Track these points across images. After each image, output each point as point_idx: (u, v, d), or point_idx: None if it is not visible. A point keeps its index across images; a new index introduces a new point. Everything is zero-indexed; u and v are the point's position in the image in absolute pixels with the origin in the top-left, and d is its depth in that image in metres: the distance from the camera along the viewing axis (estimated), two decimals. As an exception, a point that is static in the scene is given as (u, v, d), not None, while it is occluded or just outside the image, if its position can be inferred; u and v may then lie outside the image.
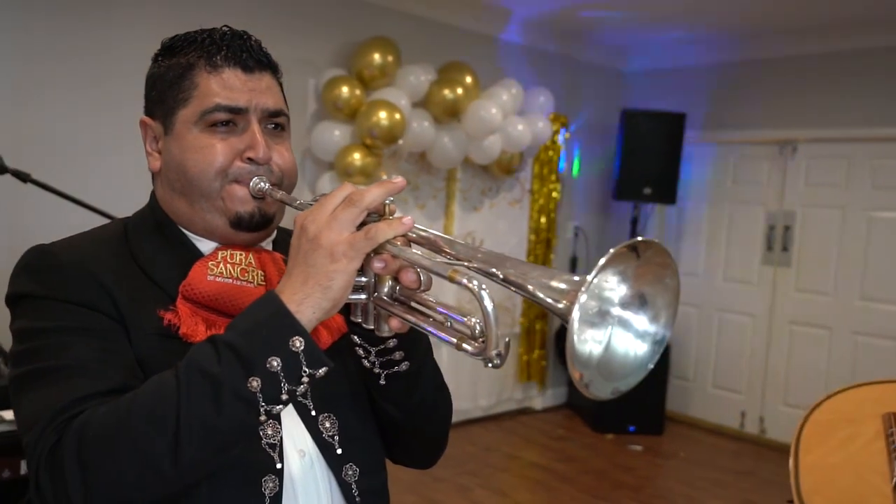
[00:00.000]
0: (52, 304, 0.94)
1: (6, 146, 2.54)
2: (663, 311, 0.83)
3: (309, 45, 4.20)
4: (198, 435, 0.81)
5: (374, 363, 1.01)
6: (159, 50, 1.08)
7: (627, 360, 0.82)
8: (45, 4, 3.31)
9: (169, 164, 1.05)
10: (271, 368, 0.82)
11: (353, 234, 0.86)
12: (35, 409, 0.87)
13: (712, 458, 4.93)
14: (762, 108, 5.27)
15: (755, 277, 5.35)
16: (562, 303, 0.76)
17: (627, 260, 0.78)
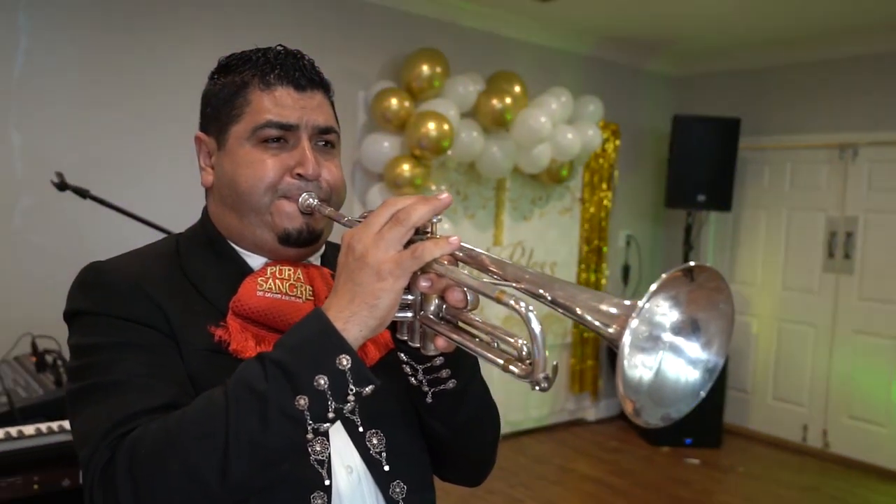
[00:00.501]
0: (105, 321, 0.96)
1: (68, 165, 2.62)
2: (716, 337, 0.80)
3: (358, 58, 4.25)
4: (246, 452, 0.81)
5: (421, 381, 1.00)
6: (215, 68, 1.10)
7: (678, 386, 0.80)
8: (104, 28, 3.41)
9: (221, 178, 1.07)
10: (318, 387, 0.83)
11: (399, 253, 0.86)
12: (89, 425, 0.89)
13: (773, 473, 4.77)
14: (820, 110, 5.12)
15: (816, 286, 5.18)
16: (612, 327, 0.74)
17: (680, 284, 0.76)
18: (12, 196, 3.25)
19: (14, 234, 3.26)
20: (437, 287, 0.88)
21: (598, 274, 5.49)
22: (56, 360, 2.68)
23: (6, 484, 1.69)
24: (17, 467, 1.74)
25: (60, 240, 3.36)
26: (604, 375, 5.68)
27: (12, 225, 3.26)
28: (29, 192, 3.27)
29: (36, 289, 3.29)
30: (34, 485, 1.73)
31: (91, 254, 3.63)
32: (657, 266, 6.01)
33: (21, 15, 3.22)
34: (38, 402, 2.30)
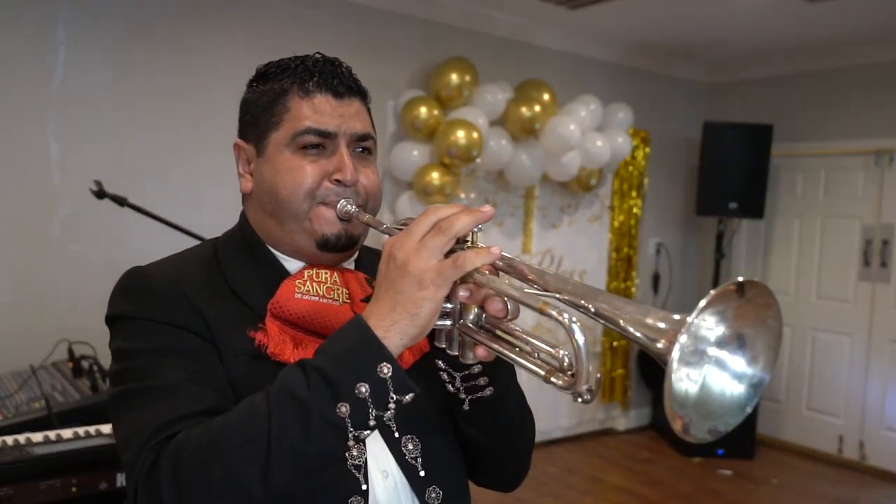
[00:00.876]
0: (146, 325, 0.98)
1: (104, 173, 2.68)
2: (762, 353, 0.80)
3: (388, 67, 4.28)
4: (288, 459, 0.82)
5: (458, 388, 1.01)
6: (254, 76, 1.12)
7: (724, 399, 0.79)
8: (140, 40, 3.48)
9: (260, 185, 1.08)
10: (359, 394, 0.83)
11: (441, 262, 0.86)
12: (132, 429, 0.90)
13: (808, 485, 4.69)
14: (855, 116, 5.04)
15: (851, 294, 5.09)
16: (660, 342, 0.73)
17: (729, 299, 0.75)
18: (51, 204, 3.33)
19: (52, 241, 3.33)
20: (476, 297, 0.89)
21: (627, 282, 5.45)
22: (92, 365, 2.73)
23: (45, 486, 1.72)
24: (56, 470, 1.77)
25: (97, 247, 3.43)
26: (634, 385, 5.63)
27: (51, 233, 3.33)
28: (67, 200, 3.34)
29: (73, 296, 3.35)
30: (72, 487, 1.76)
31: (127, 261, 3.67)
32: (688, 274, 5.96)
33: (60, 28, 3.30)
34: (74, 407, 2.35)
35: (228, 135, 1.15)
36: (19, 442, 1.89)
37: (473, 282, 0.87)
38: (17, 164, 3.24)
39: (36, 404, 2.39)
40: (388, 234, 0.99)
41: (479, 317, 0.92)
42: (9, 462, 1.73)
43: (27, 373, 2.69)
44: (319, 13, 3.98)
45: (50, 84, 3.30)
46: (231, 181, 3.61)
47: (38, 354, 2.83)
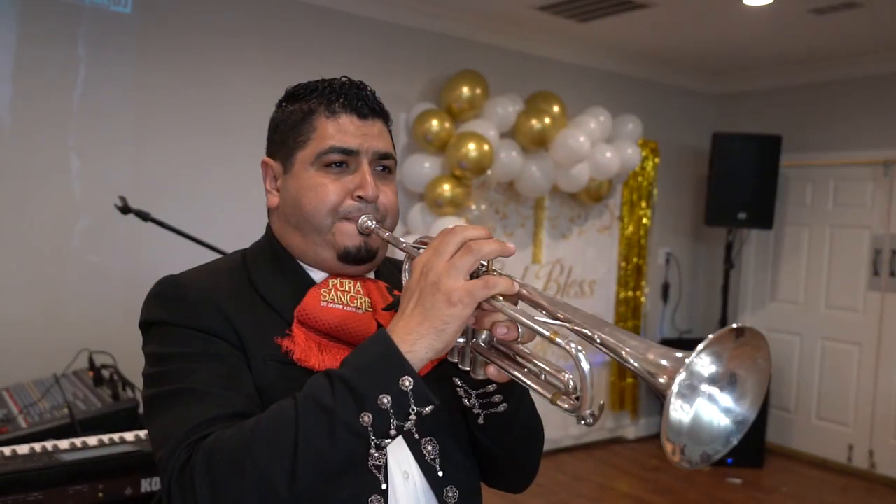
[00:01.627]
0: (180, 331, 1.03)
1: (123, 187, 2.75)
2: (750, 392, 0.84)
3: (399, 80, 4.35)
4: (312, 463, 0.87)
5: (474, 405, 1.07)
6: (283, 97, 1.18)
7: (713, 429, 0.84)
8: (158, 56, 3.57)
9: (286, 200, 1.14)
10: (382, 405, 0.88)
11: (471, 283, 0.91)
12: (167, 429, 0.96)
13: (818, 494, 4.70)
14: (864, 127, 5.07)
15: (861, 304, 5.11)
16: (661, 378, 0.79)
17: (725, 342, 0.80)
18: (72, 217, 3.41)
19: (73, 254, 3.42)
20: (482, 323, 0.95)
21: (637, 292, 5.49)
22: (112, 374, 2.80)
23: (73, 492, 1.79)
24: (84, 476, 1.84)
25: (117, 259, 3.51)
26: (643, 394, 5.65)
27: (72, 245, 3.41)
28: (87, 213, 3.43)
29: (93, 306, 3.43)
30: (99, 493, 1.83)
31: (146, 273, 3.77)
32: (697, 284, 5.99)
33: (80, 45, 3.39)
34: (96, 415, 2.42)
35: (245, 148, 1.22)
36: (47, 449, 1.96)
37: (490, 306, 0.92)
38: (39, 178, 3.33)
39: (59, 412, 2.46)
40: (407, 251, 1.05)
41: (490, 337, 0.97)
42: (39, 468, 1.80)
43: (50, 381, 2.76)
44: (332, 28, 4.06)
45: (71, 99, 3.39)
46: (248, 195, 3.71)
47: (59, 364, 2.90)
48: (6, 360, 3.12)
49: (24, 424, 2.38)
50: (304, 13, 3.97)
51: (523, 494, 1.30)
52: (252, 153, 1.20)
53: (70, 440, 2.04)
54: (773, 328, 5.52)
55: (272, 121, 1.18)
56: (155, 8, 3.55)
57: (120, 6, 3.42)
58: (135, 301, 3.86)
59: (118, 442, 2.06)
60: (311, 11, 3.99)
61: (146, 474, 1.93)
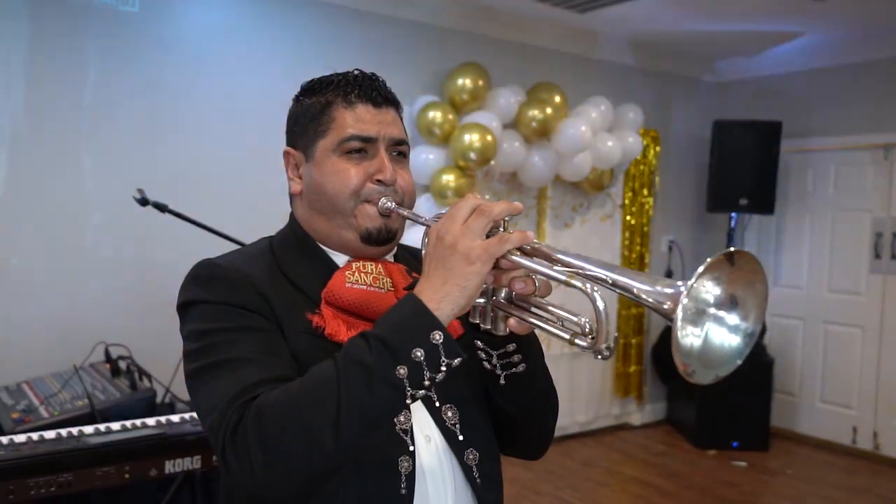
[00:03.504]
0: (219, 308, 1.10)
1: (140, 184, 2.81)
2: (753, 310, 0.93)
3: (402, 74, 4.40)
4: (355, 415, 0.94)
5: (494, 365, 1.13)
6: (300, 91, 1.25)
7: (723, 350, 0.92)
8: (168, 50, 3.63)
9: (309, 186, 1.21)
10: (416, 358, 0.95)
11: (487, 241, 0.99)
12: (215, 396, 1.02)
13: (823, 475, 4.76)
14: (863, 111, 5.12)
15: (863, 287, 5.16)
16: (667, 304, 0.88)
17: (721, 267, 0.89)
18: (85, 213, 3.47)
19: (87, 249, 3.48)
20: (500, 280, 1.02)
21: (641, 279, 5.53)
22: (129, 365, 2.86)
23: (101, 473, 1.86)
24: (111, 458, 1.90)
25: (129, 255, 3.57)
26: (649, 380, 5.71)
27: (85, 241, 3.48)
28: (99, 209, 3.49)
29: (107, 300, 3.50)
30: (125, 474, 1.90)
31: (158, 267, 3.85)
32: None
33: (90, 44, 3.45)
34: (115, 405, 2.48)
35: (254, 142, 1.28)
36: (73, 434, 2.02)
37: (507, 262, 1.00)
38: (52, 175, 3.39)
39: (79, 402, 2.53)
40: (427, 225, 1.13)
41: (509, 294, 1.04)
42: (68, 450, 1.86)
43: (69, 373, 2.82)
44: (336, 24, 4.11)
45: (81, 98, 3.45)
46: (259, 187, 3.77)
47: (76, 357, 2.96)
48: (25, 354, 3.19)
49: (45, 415, 2.44)
50: (309, 9, 4.03)
51: (534, 480, 1.36)
52: (262, 146, 1.27)
53: (94, 426, 2.11)
54: (777, 313, 5.58)
55: (291, 114, 1.25)
56: (162, 6, 3.61)
57: (128, 5, 3.48)
58: (148, 294, 3.95)
59: (140, 426, 2.13)
60: (316, 7, 4.05)
61: (170, 456, 2.00)
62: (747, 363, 0.95)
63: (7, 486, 1.80)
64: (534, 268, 0.98)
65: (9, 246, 3.32)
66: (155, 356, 3.03)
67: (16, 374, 2.99)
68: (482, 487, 1.17)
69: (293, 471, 0.95)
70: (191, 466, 2.05)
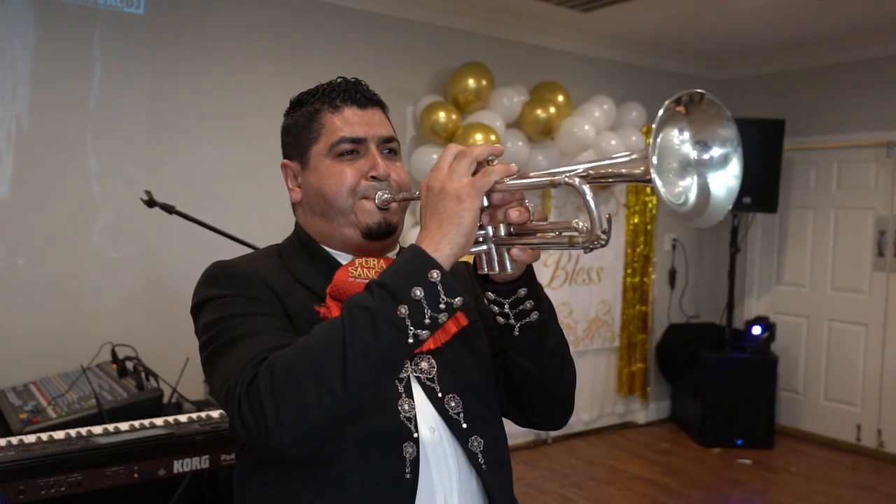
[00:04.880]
0: (231, 299, 1.15)
1: (145, 186, 2.83)
2: (731, 148, 0.99)
3: (406, 75, 4.42)
4: (360, 356, 0.98)
5: (507, 315, 1.15)
6: (289, 106, 1.31)
7: (718, 193, 0.98)
8: (173, 53, 3.64)
9: (308, 192, 1.27)
10: (415, 297, 0.99)
11: (472, 178, 1.04)
12: (230, 365, 1.07)
13: (827, 473, 4.77)
14: (866, 109, 5.12)
15: (866, 285, 5.16)
16: (640, 168, 0.92)
17: (678, 117, 0.95)
18: (91, 215, 3.49)
19: (93, 250, 3.50)
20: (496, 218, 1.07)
21: (644, 278, 5.55)
22: (136, 366, 2.88)
23: (111, 472, 1.87)
24: (120, 458, 1.92)
25: (135, 256, 3.59)
26: (653, 379, 5.72)
27: (91, 242, 3.49)
28: (105, 210, 3.51)
29: (113, 301, 3.52)
30: (134, 473, 1.91)
31: (164, 268, 3.85)
32: (704, 269, 6.05)
33: (95, 47, 3.46)
34: (122, 405, 2.50)
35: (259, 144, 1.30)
36: (82, 434, 2.04)
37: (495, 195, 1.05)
38: (58, 177, 3.40)
39: (86, 403, 2.54)
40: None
41: (507, 228, 1.08)
42: (77, 450, 1.88)
43: (76, 373, 2.84)
44: (340, 25, 4.12)
45: (87, 99, 3.46)
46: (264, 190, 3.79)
47: (83, 358, 2.98)
48: (32, 355, 3.21)
49: (53, 415, 2.46)
50: (312, 10, 4.04)
51: (538, 478, 1.37)
52: (266, 148, 1.31)
53: (103, 426, 2.12)
54: (780, 311, 5.58)
55: (283, 127, 1.32)
56: (166, 8, 3.62)
57: (133, 7, 3.49)
58: (154, 295, 3.96)
59: (148, 426, 2.14)
60: (319, 8, 4.06)
61: (178, 455, 2.01)
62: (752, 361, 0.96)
63: (17, 486, 1.81)
64: (521, 183, 1.03)
65: (16, 247, 3.33)
66: (162, 356, 3.05)
67: (23, 375, 3.01)
68: (487, 473, 1.19)
69: (305, 419, 0.98)
70: (199, 466, 2.07)
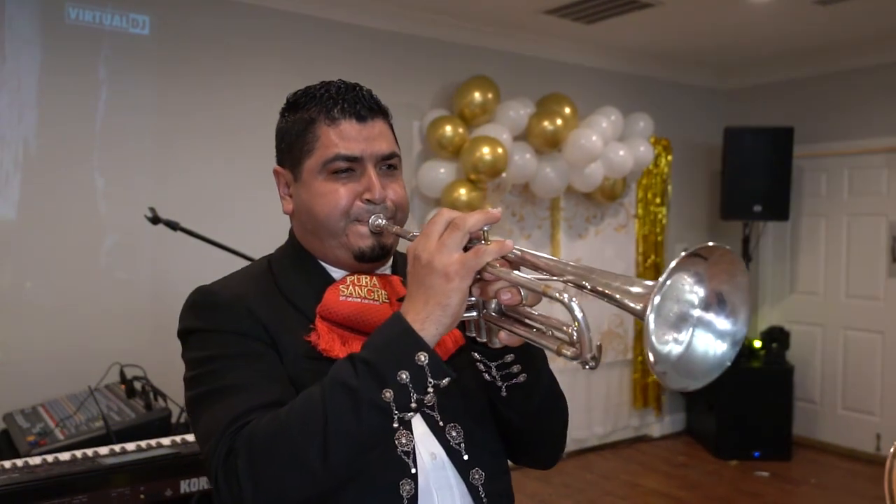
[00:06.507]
0: (215, 336, 1.10)
1: (160, 202, 2.83)
2: (741, 308, 0.89)
3: (412, 89, 4.41)
4: (342, 441, 0.94)
5: (494, 377, 1.10)
6: (285, 105, 1.23)
7: (707, 359, 0.89)
8: (179, 72, 3.66)
9: (300, 207, 1.20)
10: (401, 380, 0.94)
11: (463, 255, 0.97)
12: (211, 423, 1.02)
13: (847, 484, 4.68)
14: (875, 115, 5.08)
15: (882, 292, 5.09)
16: (639, 305, 0.84)
17: (697, 264, 0.86)
18: (98, 235, 3.49)
19: (101, 271, 3.49)
20: (486, 292, 1.00)
21: (656, 289, 5.49)
22: (144, 386, 2.86)
23: (116, 494, 1.85)
24: (126, 479, 1.89)
25: (142, 276, 3.58)
26: (668, 390, 5.65)
27: (99, 262, 3.49)
28: (112, 230, 3.51)
29: (121, 321, 3.51)
30: (140, 495, 1.88)
31: (171, 287, 3.85)
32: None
33: (101, 68, 3.48)
34: (130, 425, 2.47)
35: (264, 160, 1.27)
36: (87, 455, 2.02)
37: (487, 274, 0.97)
38: (66, 198, 3.41)
39: (94, 424, 2.52)
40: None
41: (499, 306, 1.02)
42: (82, 472, 1.85)
43: (84, 394, 2.82)
44: (345, 41, 4.13)
45: (93, 120, 3.47)
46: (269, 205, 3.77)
47: (91, 379, 2.96)
48: (40, 376, 3.19)
49: (60, 437, 2.44)
50: (316, 28, 4.05)
51: (553, 495, 1.34)
52: (272, 164, 1.27)
53: (109, 447, 2.10)
54: (794, 320, 5.52)
55: (277, 131, 1.24)
56: (172, 29, 3.64)
57: (138, 28, 3.51)
58: (162, 314, 3.96)
59: (155, 446, 2.12)
60: (323, 26, 4.07)
61: (185, 476, 1.98)
62: (767, 372, 0.92)
63: (23, 509, 1.79)
64: (511, 278, 0.96)
65: (23, 269, 3.33)
66: (169, 376, 3.01)
67: (32, 397, 2.99)
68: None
69: (284, 498, 0.95)
70: (206, 486, 2.04)
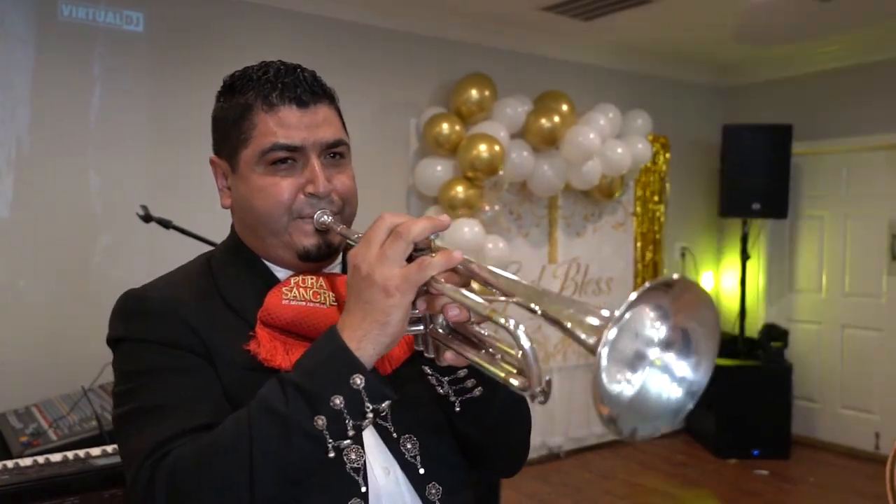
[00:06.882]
0: (144, 347, 1.00)
1: (141, 200, 2.79)
2: (705, 356, 0.79)
3: (409, 87, 4.39)
4: (271, 471, 0.86)
5: (447, 392, 1.02)
6: (221, 89, 1.12)
7: (660, 403, 0.79)
8: (173, 70, 3.63)
9: (238, 201, 1.10)
10: (335, 406, 0.86)
11: (405, 268, 0.88)
12: (132, 448, 0.94)
13: (847, 483, 4.66)
14: (874, 112, 5.06)
15: (881, 290, 5.08)
16: (592, 338, 0.73)
17: (661, 297, 0.74)
18: (93, 233, 3.46)
19: (95, 268, 3.46)
20: (433, 306, 0.91)
21: (654, 287, 5.48)
22: (139, 385, 2.83)
23: (109, 495, 1.82)
24: (118, 480, 1.86)
25: (137, 274, 3.53)
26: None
27: (93, 260, 3.46)
28: (107, 228, 3.48)
29: (116, 320, 3.47)
30: (133, 496, 1.85)
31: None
32: (714, 277, 5.97)
33: (95, 65, 3.45)
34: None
35: None
36: (79, 456, 1.99)
37: (432, 289, 0.88)
38: (59, 195, 3.38)
39: (88, 424, 2.49)
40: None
41: (446, 323, 0.93)
42: (74, 473, 1.83)
43: (78, 395, 2.79)
44: (342, 39, 4.10)
45: (87, 117, 3.44)
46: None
47: (84, 379, 2.93)
48: (34, 376, 3.17)
49: (54, 437, 2.41)
50: (312, 24, 4.02)
51: (552, 494, 1.29)
52: None
53: (101, 448, 2.07)
54: (793, 318, 5.50)
55: (213, 117, 1.13)
56: (165, 26, 3.61)
57: (132, 25, 3.48)
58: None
59: (149, 447, 2.09)
60: (319, 22, 4.04)
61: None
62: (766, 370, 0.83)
63: (13, 510, 1.76)
64: (456, 298, 0.85)
65: (16, 268, 3.30)
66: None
67: (25, 397, 2.96)
68: None
69: None
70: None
